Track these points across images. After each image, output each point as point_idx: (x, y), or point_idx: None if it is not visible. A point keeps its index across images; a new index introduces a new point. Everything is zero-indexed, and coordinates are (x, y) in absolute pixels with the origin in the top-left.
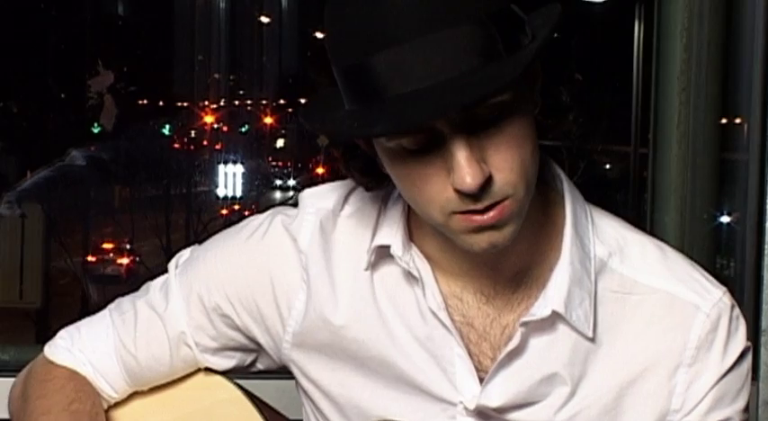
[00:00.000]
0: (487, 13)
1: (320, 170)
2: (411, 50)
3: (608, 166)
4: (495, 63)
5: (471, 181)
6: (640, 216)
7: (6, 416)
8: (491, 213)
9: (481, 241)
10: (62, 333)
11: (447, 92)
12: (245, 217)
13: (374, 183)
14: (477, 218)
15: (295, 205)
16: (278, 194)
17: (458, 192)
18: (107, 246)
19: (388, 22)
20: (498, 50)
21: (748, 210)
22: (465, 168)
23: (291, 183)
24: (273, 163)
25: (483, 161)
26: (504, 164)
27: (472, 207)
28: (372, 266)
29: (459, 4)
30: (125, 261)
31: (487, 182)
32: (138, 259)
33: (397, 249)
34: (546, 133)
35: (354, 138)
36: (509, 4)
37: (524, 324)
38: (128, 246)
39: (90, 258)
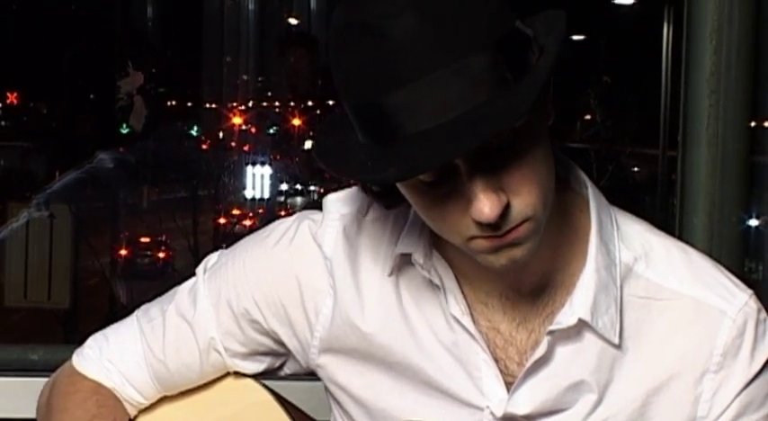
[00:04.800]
0: (493, 39)
1: None
2: (420, 89)
3: (636, 169)
4: (504, 93)
5: (489, 212)
6: (668, 218)
7: (34, 415)
8: (510, 234)
9: (501, 258)
10: (90, 342)
11: (458, 131)
12: (273, 219)
13: (395, 203)
14: (497, 240)
15: (320, 208)
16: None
17: (476, 221)
18: (236, 212)
19: (395, 63)
20: (506, 78)
21: None
22: (483, 200)
23: (298, 187)
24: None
25: (500, 189)
26: (523, 188)
27: (492, 233)
28: (397, 272)
29: (464, 37)
30: (248, 222)
31: (506, 209)
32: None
33: (418, 257)
34: (564, 138)
35: (369, 182)
36: (514, 24)
37: (551, 332)
38: (250, 214)
39: (221, 220)
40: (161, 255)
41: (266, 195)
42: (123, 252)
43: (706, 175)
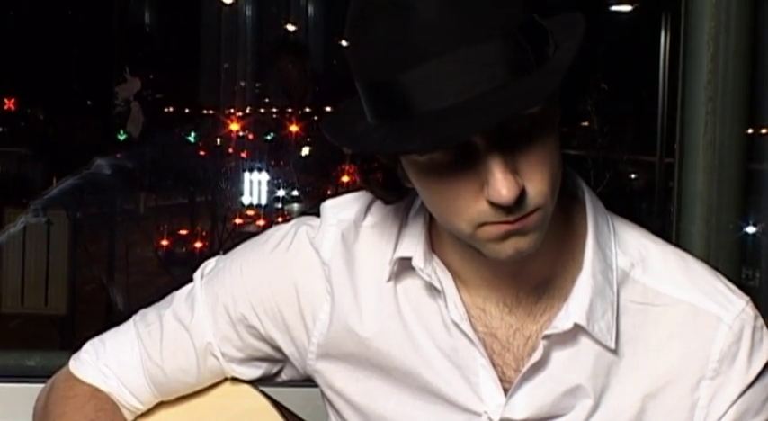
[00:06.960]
0: (516, 24)
1: (345, 178)
2: (442, 66)
3: (634, 176)
4: (529, 75)
5: (507, 193)
6: (666, 226)
7: None
8: (521, 221)
9: (508, 248)
10: (87, 346)
11: (485, 106)
12: (271, 225)
13: (394, 196)
14: (507, 225)
15: (318, 215)
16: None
17: (491, 204)
18: (249, 212)
19: (417, 39)
20: (530, 62)
21: None
22: (501, 181)
23: (295, 193)
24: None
25: (516, 173)
26: (536, 175)
27: (504, 219)
28: (395, 277)
29: (489, 18)
30: (262, 223)
31: (521, 194)
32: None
33: (418, 261)
34: (567, 142)
35: (388, 154)
36: (532, 15)
37: (547, 336)
38: (262, 214)
39: (237, 221)
40: (197, 245)
41: (264, 201)
42: (165, 242)
43: (703, 183)
